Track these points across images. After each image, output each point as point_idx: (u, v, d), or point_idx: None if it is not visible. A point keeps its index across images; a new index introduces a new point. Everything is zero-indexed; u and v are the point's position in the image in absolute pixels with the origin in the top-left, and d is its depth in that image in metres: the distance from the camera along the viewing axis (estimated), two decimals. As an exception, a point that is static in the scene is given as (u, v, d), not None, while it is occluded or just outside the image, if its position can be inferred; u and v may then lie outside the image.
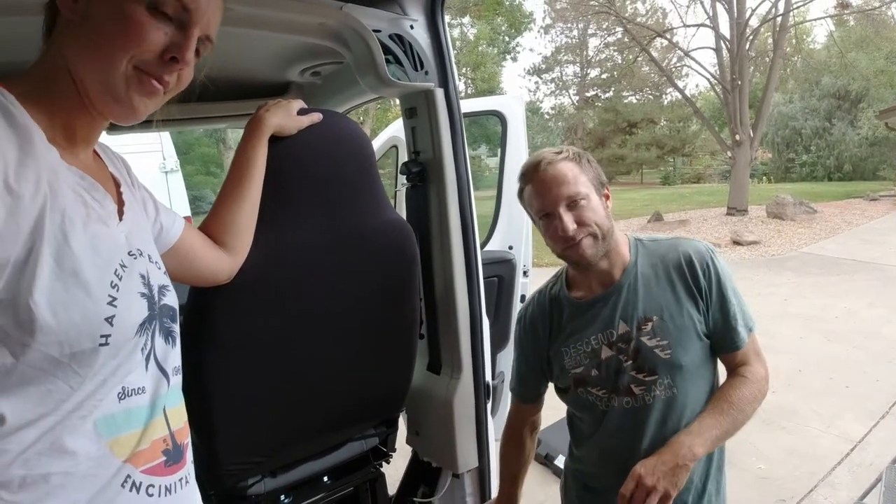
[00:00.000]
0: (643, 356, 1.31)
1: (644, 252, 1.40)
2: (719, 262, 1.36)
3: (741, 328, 1.34)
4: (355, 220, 1.39)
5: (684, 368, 1.31)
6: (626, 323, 1.34)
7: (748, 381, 1.33)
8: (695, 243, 1.39)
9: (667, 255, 1.38)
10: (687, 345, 1.31)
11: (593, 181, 1.35)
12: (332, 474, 1.68)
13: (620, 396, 1.34)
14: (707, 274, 1.33)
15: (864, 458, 3.62)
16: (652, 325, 1.32)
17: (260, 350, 1.32)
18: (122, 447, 0.78)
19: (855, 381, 4.77)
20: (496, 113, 3.13)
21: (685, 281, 1.34)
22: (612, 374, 1.35)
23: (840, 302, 7.14)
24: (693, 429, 1.26)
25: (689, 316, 1.32)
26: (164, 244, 1.03)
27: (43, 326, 0.68)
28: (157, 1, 0.78)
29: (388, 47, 1.58)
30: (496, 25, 26.96)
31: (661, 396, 1.31)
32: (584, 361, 1.39)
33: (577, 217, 1.30)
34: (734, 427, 1.28)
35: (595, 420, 1.41)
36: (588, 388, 1.39)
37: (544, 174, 1.32)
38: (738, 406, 1.28)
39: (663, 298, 1.33)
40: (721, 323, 1.33)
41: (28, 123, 0.71)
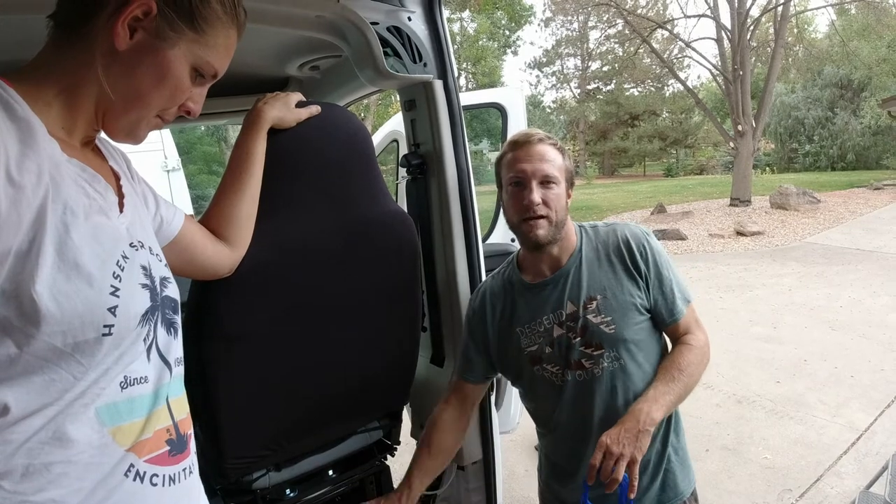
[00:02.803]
0: (590, 332, 1.42)
1: (587, 238, 1.51)
2: (654, 243, 1.48)
3: (679, 301, 1.46)
4: (355, 212, 1.39)
5: (628, 341, 1.41)
6: (573, 303, 1.44)
7: (692, 348, 1.43)
8: (631, 227, 1.51)
9: (607, 239, 1.49)
10: (629, 319, 1.42)
11: (567, 174, 1.46)
12: (337, 468, 1.69)
13: (572, 371, 1.44)
14: (644, 254, 1.45)
15: (869, 447, 3.61)
16: (596, 303, 1.43)
17: (262, 343, 1.32)
18: (124, 436, 0.78)
19: (860, 371, 4.76)
20: (496, 105, 3.13)
21: (624, 262, 1.45)
22: (563, 351, 1.45)
23: (844, 291, 7.13)
24: (649, 395, 1.34)
25: (629, 293, 1.43)
26: (165, 237, 1.03)
27: (46, 317, 0.68)
28: (202, 68, 0.86)
29: (386, 39, 1.58)
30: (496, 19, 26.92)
31: (608, 368, 1.41)
32: (539, 340, 1.48)
33: (545, 196, 1.40)
34: (686, 390, 1.38)
35: (553, 396, 1.49)
36: (543, 364, 1.48)
37: (532, 147, 1.42)
38: (686, 371, 1.38)
39: (605, 279, 1.45)
40: (660, 298, 1.45)
41: (29, 117, 0.72)
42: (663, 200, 15.95)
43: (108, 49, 0.78)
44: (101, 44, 0.78)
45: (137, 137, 0.87)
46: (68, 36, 0.80)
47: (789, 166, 26.56)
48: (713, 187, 18.99)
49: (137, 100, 0.82)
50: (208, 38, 0.85)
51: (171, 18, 0.80)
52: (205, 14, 0.83)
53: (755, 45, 18.54)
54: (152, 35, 0.80)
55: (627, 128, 32.96)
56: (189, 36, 0.83)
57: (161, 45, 0.81)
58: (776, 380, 4.71)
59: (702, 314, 1.52)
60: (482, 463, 1.90)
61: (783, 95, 25.71)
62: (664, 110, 32.08)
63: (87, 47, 0.79)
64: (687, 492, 1.49)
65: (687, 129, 31.75)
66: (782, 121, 25.94)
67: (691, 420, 4.07)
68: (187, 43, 0.83)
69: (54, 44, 0.81)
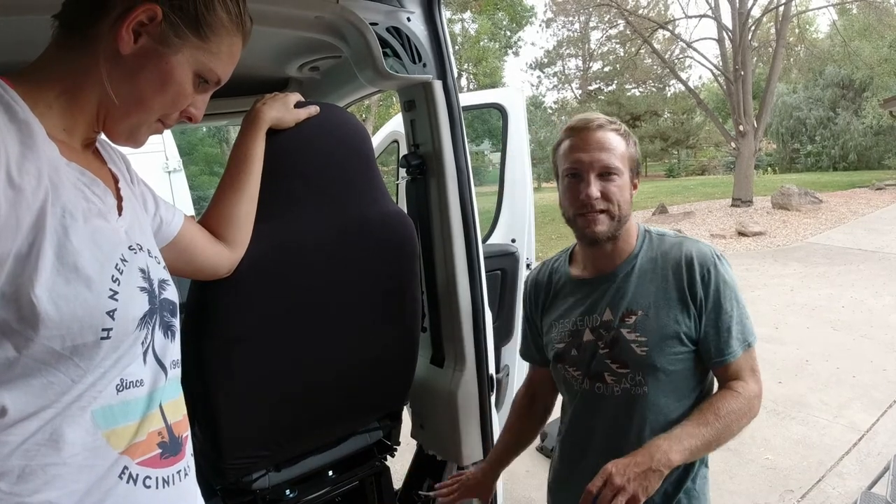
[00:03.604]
0: (619, 347, 1.30)
1: (649, 245, 1.36)
2: (722, 270, 1.29)
3: (734, 341, 1.27)
4: (354, 212, 1.39)
5: (658, 369, 1.27)
6: (611, 311, 1.33)
7: (738, 396, 1.26)
8: (702, 246, 1.32)
9: (669, 252, 1.33)
10: (665, 347, 1.27)
11: (631, 163, 1.32)
12: (337, 468, 1.69)
13: (591, 380, 1.35)
14: (705, 280, 1.27)
15: (871, 447, 3.61)
16: (635, 319, 1.29)
17: (262, 343, 1.32)
18: (118, 438, 0.78)
19: (862, 371, 4.76)
20: (496, 105, 3.12)
21: (680, 283, 1.29)
22: (588, 357, 1.35)
23: (846, 291, 7.12)
24: (673, 434, 1.20)
25: (675, 319, 1.28)
26: (164, 238, 1.04)
27: (45, 320, 0.68)
28: (206, 75, 0.86)
29: (385, 40, 1.58)
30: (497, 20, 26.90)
31: (628, 390, 1.30)
32: (567, 339, 1.39)
33: (604, 189, 1.27)
34: (717, 440, 1.22)
35: (571, 398, 1.44)
36: (566, 365, 1.40)
37: (590, 134, 1.29)
38: (724, 419, 1.22)
39: (654, 296, 1.30)
40: (712, 332, 1.28)
41: (29, 119, 0.72)
42: (665, 201, 15.94)
43: (112, 53, 0.79)
44: (105, 47, 0.79)
45: (138, 141, 0.87)
46: (72, 38, 0.80)
47: (791, 166, 26.52)
48: (715, 188, 18.98)
49: (139, 104, 0.83)
50: (212, 45, 0.85)
51: (176, 24, 0.81)
52: (210, 21, 0.83)
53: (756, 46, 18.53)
54: (156, 40, 0.80)
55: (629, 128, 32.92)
56: (193, 42, 0.83)
57: (165, 50, 0.81)
58: (778, 380, 4.70)
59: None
60: (482, 463, 1.89)
61: (785, 95, 25.67)
62: (665, 111, 32.05)
63: (91, 50, 0.79)
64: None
65: (688, 130, 31.72)
66: (784, 121, 25.90)
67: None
68: (191, 49, 0.83)
69: (58, 45, 0.81)
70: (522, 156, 3.06)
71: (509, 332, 2.96)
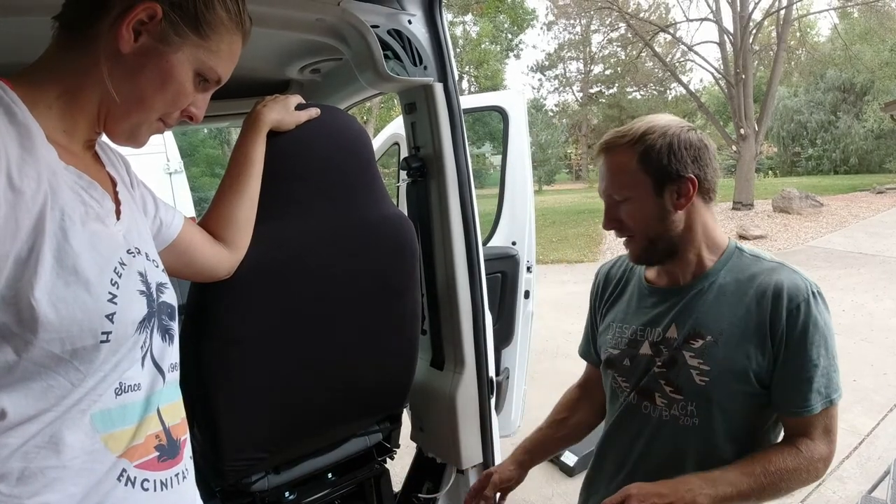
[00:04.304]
0: (676, 370, 1.18)
1: (736, 264, 1.21)
2: (816, 308, 1.12)
3: (815, 395, 1.11)
4: (354, 214, 1.38)
5: (714, 404, 1.15)
6: (676, 328, 1.20)
7: (798, 455, 1.11)
8: (796, 277, 1.14)
9: (758, 276, 1.16)
10: (729, 382, 1.14)
11: (654, 173, 1.15)
12: (336, 471, 1.68)
13: (641, 397, 1.25)
14: (792, 318, 1.11)
15: (872, 451, 3.60)
16: (703, 343, 1.16)
17: (261, 345, 1.32)
18: (116, 442, 0.78)
19: (863, 375, 4.74)
20: (497, 108, 3.12)
21: (762, 314, 1.12)
22: (640, 372, 1.25)
23: (847, 295, 7.12)
24: (710, 477, 1.10)
25: (746, 354, 1.13)
26: (164, 240, 1.04)
27: (45, 323, 0.68)
28: (206, 74, 0.87)
29: (386, 43, 1.58)
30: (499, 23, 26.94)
31: (677, 418, 1.19)
32: (622, 346, 1.29)
33: (618, 216, 1.20)
34: (755, 495, 1.10)
35: (613, 406, 1.35)
36: (615, 374, 1.31)
37: (602, 161, 1.22)
38: (772, 476, 1.09)
39: (729, 322, 1.15)
40: (788, 380, 1.12)
41: (29, 122, 0.72)
42: (665, 204, 15.93)
43: (113, 52, 0.79)
44: (105, 46, 0.79)
45: (139, 141, 0.88)
46: (73, 38, 0.80)
47: (792, 170, 26.53)
48: (715, 191, 18.96)
49: (140, 103, 0.83)
50: (212, 43, 0.85)
51: (176, 23, 0.81)
52: (210, 20, 0.84)
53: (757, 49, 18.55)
54: (156, 39, 0.80)
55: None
56: (193, 41, 0.83)
57: (165, 49, 0.81)
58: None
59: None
60: (482, 466, 1.89)
61: (786, 99, 25.71)
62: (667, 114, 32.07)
63: (92, 49, 0.79)
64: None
65: (689, 133, 31.71)
66: (785, 124, 25.93)
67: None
68: (191, 48, 0.83)
69: (58, 46, 0.81)
70: (523, 158, 3.06)
71: (509, 335, 2.96)
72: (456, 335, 1.80)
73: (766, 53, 20.11)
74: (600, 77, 33.40)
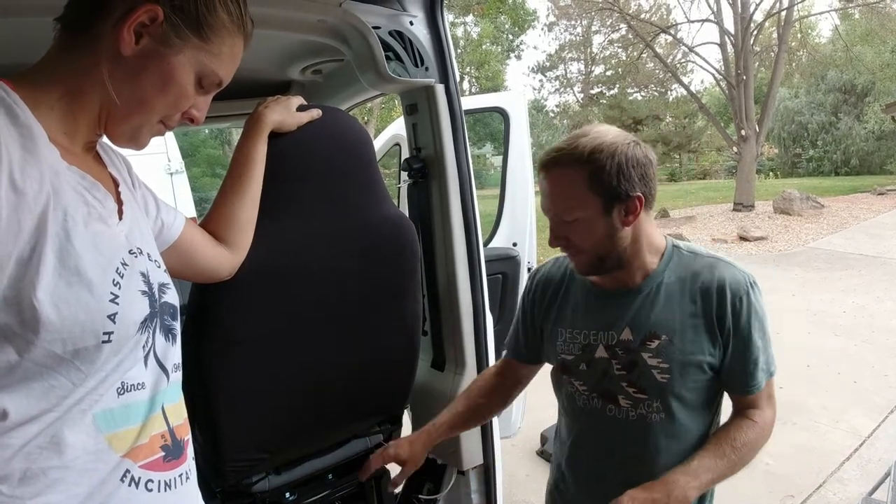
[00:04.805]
0: (638, 372, 1.23)
1: (677, 262, 1.27)
2: (754, 299, 1.21)
3: (759, 373, 1.23)
4: (355, 215, 1.39)
5: (679, 398, 1.23)
6: (631, 331, 1.24)
7: (755, 426, 1.23)
8: (735, 272, 1.23)
9: (700, 273, 1.23)
10: (688, 376, 1.22)
11: (602, 192, 1.15)
12: (337, 472, 1.68)
13: (604, 401, 1.29)
14: (736, 310, 1.20)
15: (872, 453, 3.60)
16: (659, 343, 1.22)
17: (262, 346, 1.32)
18: (120, 442, 0.78)
19: (863, 376, 4.75)
20: (498, 109, 3.13)
21: (708, 310, 1.21)
22: (598, 375, 1.28)
23: (848, 297, 7.12)
24: (691, 469, 1.17)
25: (700, 348, 1.21)
26: (166, 241, 1.04)
27: (46, 324, 0.68)
28: (207, 76, 0.86)
29: (387, 44, 1.58)
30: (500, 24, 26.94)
31: (644, 416, 1.24)
32: (576, 352, 1.31)
33: (565, 237, 1.21)
34: (730, 472, 1.20)
35: (574, 413, 1.37)
36: (572, 378, 1.33)
37: (547, 176, 1.21)
38: (739, 451, 1.20)
39: (680, 320, 1.22)
40: (738, 365, 1.22)
41: (31, 123, 0.72)
42: (666, 205, 15.94)
43: (114, 54, 0.79)
44: (106, 48, 0.79)
45: (139, 143, 0.88)
46: (74, 39, 0.80)
47: (793, 171, 26.50)
48: (716, 192, 18.98)
49: (140, 105, 0.83)
50: (214, 46, 0.85)
51: (178, 25, 0.81)
52: (211, 22, 0.84)
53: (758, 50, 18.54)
54: (158, 41, 0.80)
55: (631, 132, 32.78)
56: (195, 43, 0.83)
57: (166, 51, 0.81)
58: (779, 385, 4.57)
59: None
60: (482, 467, 1.90)
61: (786, 100, 25.66)
62: (667, 115, 32.00)
63: (93, 51, 0.79)
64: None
65: (690, 134, 31.68)
66: (786, 125, 25.89)
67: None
68: (193, 50, 0.83)
69: (60, 47, 0.81)
70: (524, 159, 3.06)
71: (510, 336, 2.95)
72: (457, 336, 1.80)
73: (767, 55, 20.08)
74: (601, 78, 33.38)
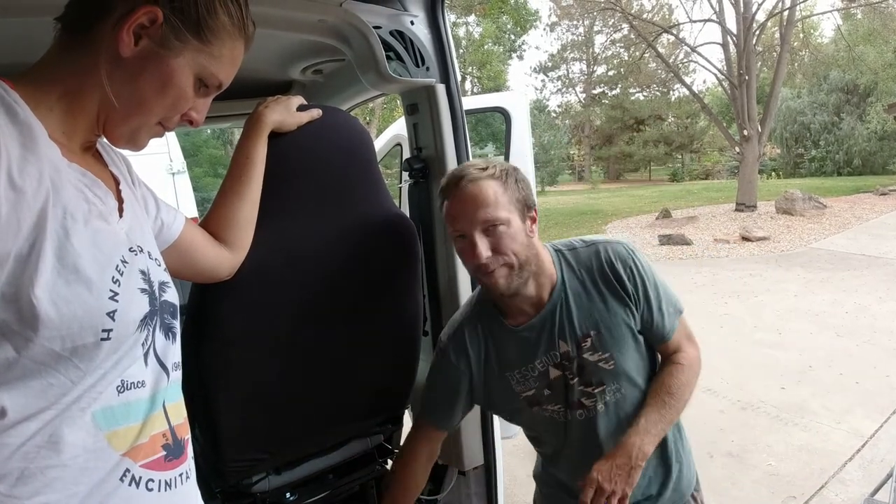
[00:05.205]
0: (589, 371, 1.34)
1: (568, 266, 1.37)
2: (639, 261, 1.35)
3: (669, 316, 1.37)
4: (356, 215, 1.38)
5: (628, 371, 1.35)
6: (565, 342, 1.34)
7: (683, 368, 1.37)
8: (614, 246, 1.36)
9: (590, 264, 1.35)
10: (627, 350, 1.34)
11: (518, 203, 1.27)
12: (338, 472, 1.68)
13: (573, 410, 1.37)
14: (632, 277, 1.33)
15: (875, 454, 3.59)
16: (591, 340, 1.33)
17: (262, 346, 1.32)
18: (120, 440, 0.78)
19: (865, 377, 4.74)
20: (500, 109, 3.13)
21: (612, 288, 1.33)
22: (563, 391, 1.37)
23: (850, 297, 7.10)
24: (641, 427, 1.29)
25: (623, 322, 1.34)
26: (166, 241, 1.04)
27: (45, 321, 0.68)
28: (206, 79, 0.86)
29: (388, 44, 1.58)
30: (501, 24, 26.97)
31: (611, 401, 1.36)
32: (534, 384, 1.38)
33: (494, 244, 1.23)
34: (676, 414, 1.34)
35: (557, 433, 1.42)
36: (542, 406, 1.40)
37: (463, 192, 1.24)
38: (677, 395, 1.33)
39: (597, 312, 1.33)
40: (651, 319, 1.35)
41: (31, 121, 0.72)
42: (668, 205, 15.93)
43: (113, 55, 0.79)
44: (105, 49, 0.79)
45: (138, 144, 0.87)
46: (74, 40, 0.80)
47: (795, 171, 26.48)
48: (718, 192, 18.97)
49: (139, 107, 0.83)
50: (214, 48, 0.85)
51: (177, 27, 0.80)
52: (211, 25, 0.83)
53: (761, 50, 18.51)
54: (157, 43, 0.80)
55: (633, 132, 32.92)
56: (194, 45, 0.83)
57: (165, 53, 0.81)
58: (781, 386, 4.69)
59: (706, 320, 1.51)
60: (483, 468, 1.89)
61: (789, 100, 25.63)
62: (670, 115, 32.04)
63: (93, 52, 0.79)
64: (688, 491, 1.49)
65: (692, 134, 31.71)
66: (788, 126, 25.86)
67: (695, 426, 4.04)
68: (192, 52, 0.83)
69: (60, 47, 0.81)
70: (525, 159, 3.06)
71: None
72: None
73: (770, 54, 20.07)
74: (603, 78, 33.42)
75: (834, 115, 24.53)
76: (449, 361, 1.43)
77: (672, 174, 32.16)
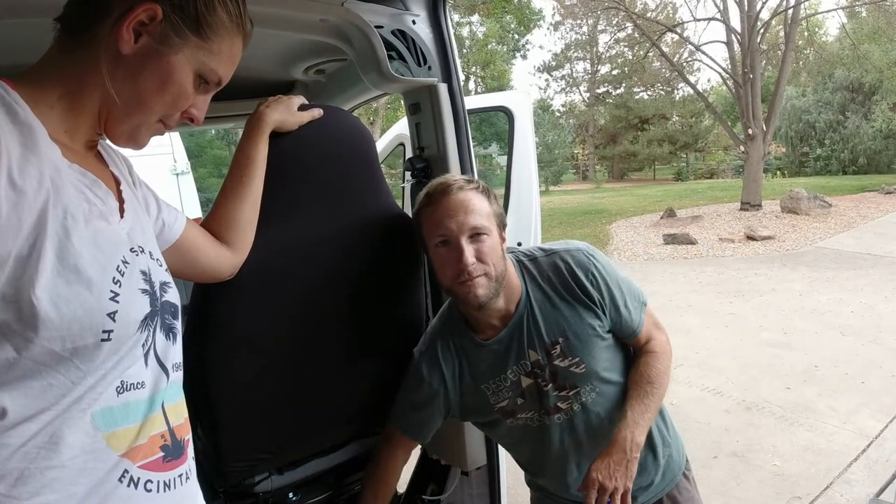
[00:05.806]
0: (561, 377, 1.37)
1: (530, 276, 1.40)
2: (600, 265, 1.38)
3: (636, 311, 1.41)
4: (357, 215, 1.38)
5: (600, 370, 1.38)
6: (535, 351, 1.37)
7: (657, 355, 1.42)
8: (573, 253, 1.39)
9: (551, 273, 1.38)
10: (596, 352, 1.37)
11: (497, 218, 1.33)
12: (340, 472, 1.68)
13: (551, 415, 1.40)
14: (595, 282, 1.36)
15: (880, 454, 3.58)
16: (560, 347, 1.36)
17: (263, 346, 1.32)
18: (119, 441, 0.77)
19: (871, 377, 4.72)
20: (503, 109, 3.11)
21: (577, 297, 1.36)
22: (537, 398, 1.40)
23: (856, 297, 7.07)
24: (629, 420, 1.32)
25: (589, 326, 1.37)
26: (167, 241, 1.04)
27: (45, 321, 0.68)
28: (206, 75, 0.87)
29: (390, 43, 1.57)
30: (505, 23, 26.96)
31: (587, 401, 1.40)
32: (508, 395, 1.41)
33: (478, 252, 1.27)
34: (659, 401, 1.38)
35: (535, 439, 1.45)
36: (517, 415, 1.43)
37: (453, 198, 1.27)
38: (657, 382, 1.38)
39: (563, 319, 1.36)
40: (618, 318, 1.39)
41: (31, 121, 0.72)
42: (673, 204, 15.88)
43: (113, 53, 0.79)
44: (106, 47, 0.79)
45: (139, 142, 0.88)
46: (74, 39, 0.80)
47: (800, 170, 26.40)
48: (723, 191, 18.90)
49: (140, 104, 0.83)
50: (213, 45, 0.85)
51: (177, 24, 0.81)
52: (210, 21, 0.84)
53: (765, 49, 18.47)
54: (157, 40, 0.80)
55: (637, 131, 32.89)
56: (194, 42, 0.83)
57: (165, 50, 0.81)
58: (786, 386, 4.67)
59: (711, 319, 1.51)
60: (486, 468, 1.89)
61: (794, 99, 25.55)
62: (674, 114, 31.99)
63: (93, 51, 0.79)
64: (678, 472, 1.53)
65: (697, 133, 31.64)
66: (793, 124, 25.78)
67: (700, 426, 4.05)
68: (192, 49, 0.83)
69: (60, 46, 0.81)
70: (529, 159, 3.05)
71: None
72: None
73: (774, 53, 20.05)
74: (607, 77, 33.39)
75: (839, 114, 24.43)
76: (422, 378, 1.45)
77: (676, 173, 32.08)
